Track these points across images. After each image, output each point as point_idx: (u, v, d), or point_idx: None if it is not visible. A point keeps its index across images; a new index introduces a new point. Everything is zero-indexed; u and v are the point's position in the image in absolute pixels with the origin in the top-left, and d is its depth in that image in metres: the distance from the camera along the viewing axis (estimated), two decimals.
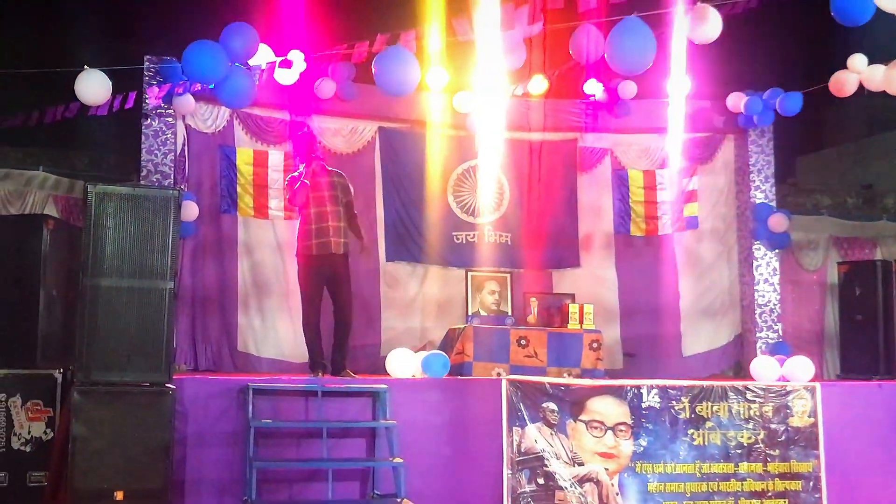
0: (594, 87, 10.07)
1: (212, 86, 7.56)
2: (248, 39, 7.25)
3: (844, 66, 9.14)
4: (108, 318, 6.00)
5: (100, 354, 5.97)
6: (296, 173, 7.88)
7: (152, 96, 8.31)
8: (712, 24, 7.53)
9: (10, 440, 7.08)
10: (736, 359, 10.46)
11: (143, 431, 6.00)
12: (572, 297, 9.41)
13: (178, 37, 7.91)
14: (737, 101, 10.26)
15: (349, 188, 8.06)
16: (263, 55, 7.82)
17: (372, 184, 10.15)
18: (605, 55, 7.27)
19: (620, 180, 10.70)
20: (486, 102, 9.80)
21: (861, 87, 9.12)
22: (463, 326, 8.73)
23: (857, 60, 9.08)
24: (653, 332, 10.37)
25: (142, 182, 8.79)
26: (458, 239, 10.27)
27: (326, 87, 9.41)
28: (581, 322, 8.84)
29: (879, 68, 8.92)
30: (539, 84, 9.62)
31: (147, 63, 8.91)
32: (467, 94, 9.88)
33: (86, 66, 7.59)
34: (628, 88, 10.06)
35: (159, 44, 9.23)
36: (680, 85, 9.72)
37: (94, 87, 7.52)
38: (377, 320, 9.91)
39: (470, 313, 9.22)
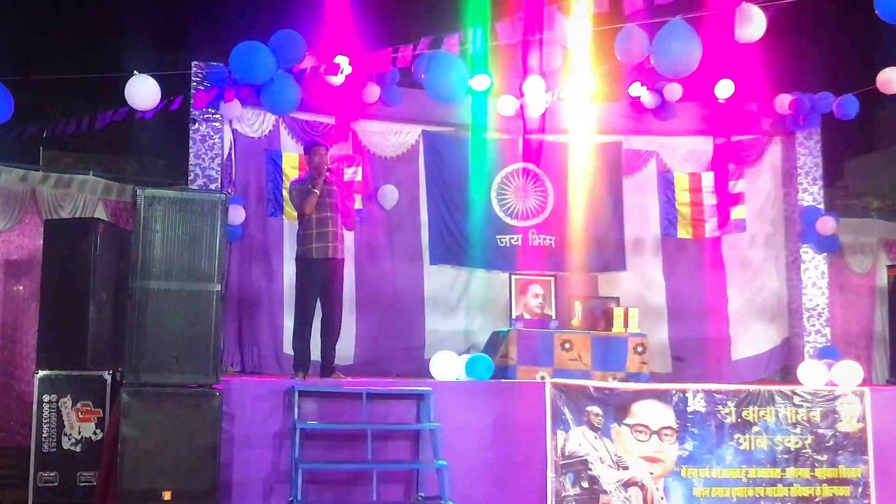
0: (639, 90, 10.01)
1: (257, 89, 7.62)
2: (296, 45, 7.31)
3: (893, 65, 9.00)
4: (156, 320, 6.09)
5: (148, 356, 6.06)
6: (300, 178, 7.92)
7: (199, 101, 8.39)
8: (756, 24, 7.47)
9: (61, 440, 7.22)
10: (784, 363, 10.33)
11: (190, 432, 6.08)
12: (617, 300, 9.37)
13: (225, 43, 8.02)
14: (784, 103, 10.15)
15: (346, 197, 8.11)
16: (309, 59, 7.88)
17: (416, 187, 10.19)
18: (651, 58, 7.22)
19: (666, 183, 10.63)
20: (531, 105, 9.80)
21: None
22: (507, 330, 8.73)
23: None
24: (701, 335, 10.29)
25: (190, 186, 8.90)
26: (501, 242, 10.26)
27: (371, 92, 9.47)
28: (626, 325, 8.79)
29: None
30: (584, 87, 9.57)
31: (194, 69, 9.02)
32: (511, 98, 9.88)
33: (135, 72, 7.70)
34: (673, 91, 10.00)
35: (207, 50, 9.36)
36: (726, 86, 9.64)
37: (143, 92, 7.65)
38: (421, 323, 9.93)
39: (514, 317, 9.21)
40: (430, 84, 7.44)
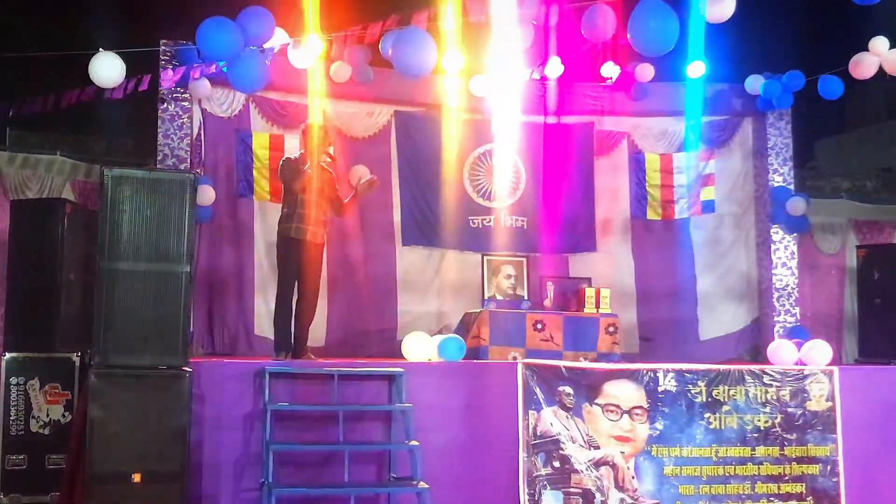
0: (611, 70, 9.99)
1: (224, 66, 7.53)
2: (265, 22, 7.23)
3: (864, 48, 9.03)
4: (124, 301, 6.00)
5: (117, 338, 5.98)
6: (292, 157, 7.86)
7: (167, 80, 8.30)
8: (726, 3, 7.46)
9: (29, 423, 7.17)
10: (753, 343, 10.40)
11: (160, 414, 6.02)
12: (589, 280, 9.41)
13: (194, 21, 7.89)
14: (755, 83, 10.17)
15: (336, 185, 8.03)
16: (278, 38, 7.79)
17: (388, 168, 10.14)
18: (629, 37, 7.19)
19: (637, 164, 10.65)
20: (503, 86, 9.76)
21: (881, 69, 9.01)
22: (479, 310, 8.74)
23: (879, 43, 8.96)
24: (669, 316, 10.34)
25: (158, 166, 8.81)
26: (474, 223, 10.25)
27: (342, 71, 9.39)
28: (598, 306, 8.83)
29: None
30: (555, 67, 9.55)
31: (163, 46, 8.92)
32: (483, 78, 9.84)
33: (100, 49, 7.59)
34: (645, 71, 10.00)
35: (176, 28, 9.23)
36: (697, 67, 9.64)
37: (108, 69, 7.53)
38: (394, 304, 9.92)
39: (486, 297, 9.22)
40: (397, 60, 7.36)
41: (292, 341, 7.70)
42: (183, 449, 6.04)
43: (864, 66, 9.02)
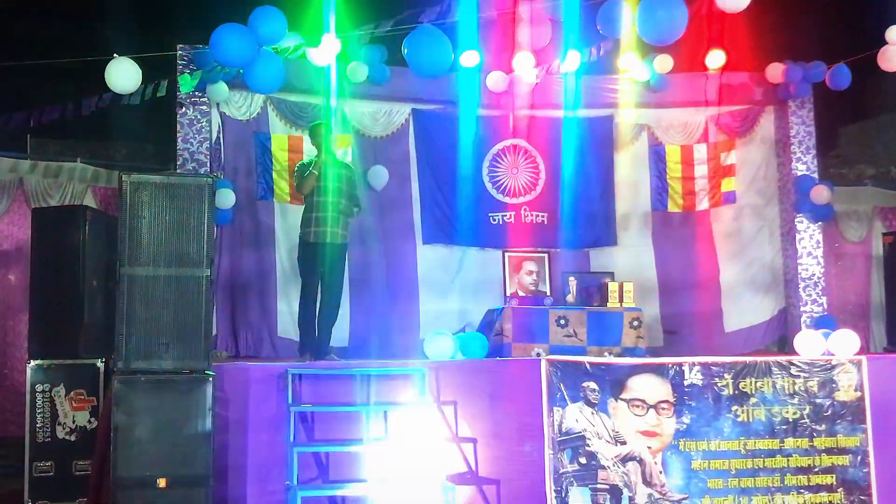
0: (630, 62, 9.91)
1: (241, 70, 7.54)
2: (276, 22, 7.22)
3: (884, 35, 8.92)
4: (145, 306, 6.01)
5: (139, 343, 5.99)
6: (306, 161, 7.88)
7: (185, 83, 8.30)
8: None
9: (55, 430, 7.21)
10: (780, 334, 10.31)
11: (184, 419, 6.02)
12: (611, 275, 9.33)
13: (210, 25, 7.91)
14: (776, 72, 10.07)
15: (355, 182, 8.01)
16: (294, 39, 7.79)
17: (407, 167, 10.14)
18: (636, 26, 7.14)
19: (657, 156, 10.58)
20: (520, 81, 9.72)
21: None
22: (501, 307, 8.69)
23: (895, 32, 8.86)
24: (693, 308, 10.26)
25: (178, 171, 8.84)
26: (494, 220, 10.21)
27: (358, 71, 9.37)
28: (621, 300, 8.75)
29: None
30: (574, 60, 9.49)
31: (180, 51, 8.94)
32: (500, 74, 9.80)
33: (115, 55, 7.61)
34: (665, 62, 9.91)
35: (193, 32, 9.26)
36: (717, 57, 9.55)
37: (124, 75, 7.56)
38: (415, 303, 9.89)
39: (508, 294, 9.17)
40: (412, 59, 7.35)
41: (316, 342, 7.72)
42: (208, 452, 6.04)
43: (892, 57, 8.89)
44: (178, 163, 8.96)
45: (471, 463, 6.88)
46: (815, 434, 7.47)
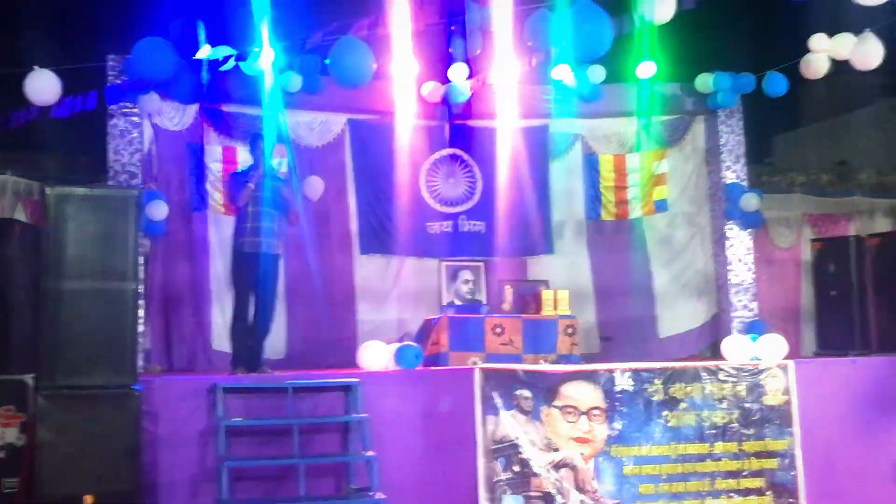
0: (562, 73, 10.01)
1: (161, 84, 7.50)
2: (198, 35, 7.19)
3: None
4: (71, 321, 5.96)
5: (64, 358, 5.93)
6: (240, 170, 7.83)
7: (116, 95, 8.20)
8: (666, 4, 7.51)
9: None
10: (713, 339, 10.43)
11: (111, 434, 5.96)
12: (546, 283, 9.43)
13: (143, 35, 7.84)
14: (705, 82, 10.24)
15: (289, 196, 7.99)
16: (225, 50, 7.75)
17: (343, 177, 10.12)
18: (563, 40, 7.23)
19: (591, 165, 10.69)
20: (456, 91, 9.77)
21: (833, 63, 9.08)
22: (438, 317, 8.72)
23: (818, 40, 9.03)
24: (628, 315, 10.38)
25: (110, 183, 8.73)
26: (431, 229, 10.24)
27: (293, 81, 9.34)
28: (556, 308, 8.86)
29: (846, 38, 8.82)
30: (508, 71, 9.55)
31: (110, 62, 8.85)
32: (436, 84, 9.84)
33: (35, 67, 7.52)
34: (597, 73, 10.03)
35: (124, 42, 9.16)
36: (648, 68, 9.69)
37: (43, 87, 7.46)
38: (352, 314, 9.88)
39: (445, 303, 9.20)
40: (335, 70, 7.37)
41: (250, 355, 7.67)
42: (135, 468, 5.99)
43: (815, 65, 9.09)
44: (109, 175, 8.84)
45: (404, 473, 6.87)
46: (744, 438, 7.61)
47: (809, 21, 9.40)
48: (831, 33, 8.93)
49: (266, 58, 8.27)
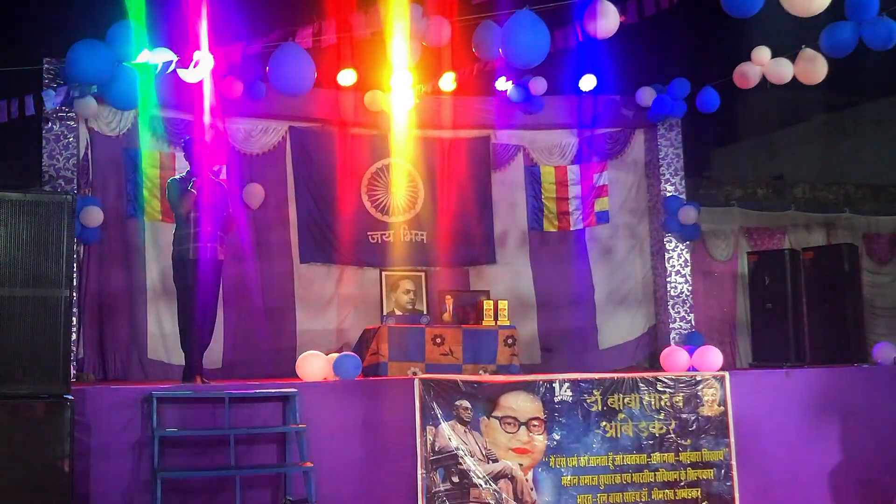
0: (505, 84, 10.06)
1: (93, 88, 7.36)
2: (135, 38, 7.07)
3: (749, 59, 9.27)
4: (1, 328, 5.78)
5: None
6: (178, 177, 7.70)
7: (49, 100, 8.04)
8: (610, 19, 7.58)
9: None
10: (651, 350, 10.56)
11: (40, 445, 5.77)
12: (487, 293, 9.43)
13: (80, 38, 7.69)
14: (646, 95, 10.36)
15: (227, 200, 7.88)
16: (164, 55, 7.64)
17: (284, 184, 10.05)
18: (500, 49, 7.26)
19: (533, 177, 10.76)
20: (397, 100, 9.76)
21: (764, 80, 9.25)
22: (378, 326, 8.68)
23: (761, 53, 9.21)
24: (569, 325, 10.46)
25: (45, 188, 8.56)
26: (372, 239, 10.20)
27: (234, 87, 9.25)
28: (496, 318, 8.85)
29: (782, 61, 9.05)
30: (449, 81, 9.58)
31: (46, 65, 8.69)
32: (378, 93, 9.82)
33: None
34: (539, 85, 10.09)
35: (60, 45, 9.00)
36: (588, 81, 9.78)
37: None
38: (292, 323, 9.81)
39: (385, 313, 9.16)
40: (273, 78, 7.31)
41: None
42: (66, 480, 5.80)
43: (748, 75, 9.27)
44: (43, 179, 8.67)
45: (342, 484, 6.80)
46: (680, 448, 7.66)
47: (748, 37, 9.55)
48: (772, 50, 9.10)
49: (204, 63, 8.17)
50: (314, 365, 7.45)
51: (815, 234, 12.07)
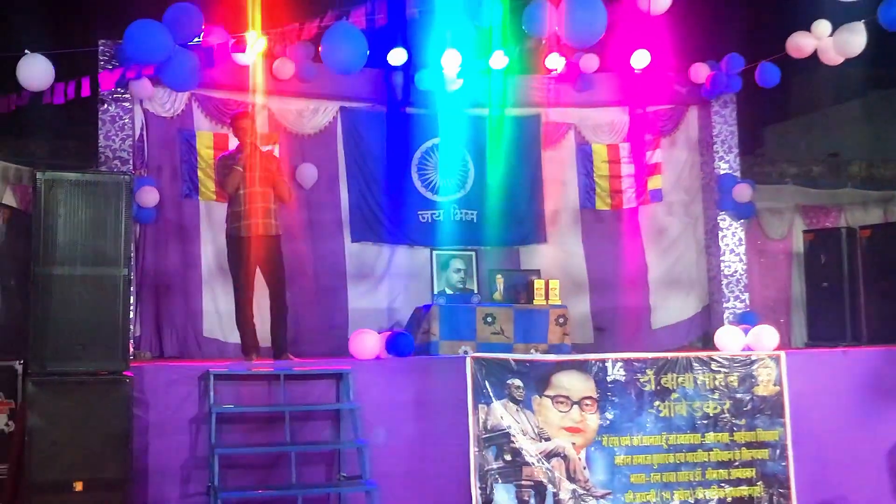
0: (556, 62, 9.98)
1: (153, 69, 7.43)
2: (192, 19, 7.13)
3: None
4: (61, 307, 5.91)
5: (54, 344, 5.88)
6: (226, 153, 7.76)
7: (105, 81, 8.14)
8: None
9: None
10: (704, 330, 10.45)
11: (101, 421, 5.93)
12: (538, 272, 9.39)
13: (134, 19, 7.77)
14: (699, 71, 10.22)
15: (279, 167, 7.93)
16: (218, 35, 7.70)
17: (335, 165, 10.06)
18: (557, 28, 7.20)
19: (584, 155, 10.65)
20: (448, 79, 9.73)
21: (817, 55, 9.08)
22: (429, 305, 8.69)
23: (822, 27, 9.02)
24: (622, 305, 10.37)
25: (101, 169, 8.67)
26: (423, 218, 10.20)
27: (285, 68, 9.29)
28: (547, 298, 8.81)
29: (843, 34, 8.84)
30: (500, 59, 9.52)
31: (101, 46, 8.78)
32: (429, 72, 9.79)
33: (27, 52, 7.45)
34: (590, 62, 10.00)
35: (117, 26, 9.10)
36: (641, 57, 9.67)
37: (35, 72, 7.41)
38: (344, 302, 9.83)
39: (436, 292, 9.17)
40: (326, 57, 7.32)
41: (257, 341, 7.74)
42: (125, 455, 5.96)
43: (801, 45, 9.09)
44: (100, 160, 8.79)
45: (395, 462, 6.86)
46: (735, 428, 7.62)
47: (804, 11, 9.38)
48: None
49: (256, 44, 8.23)
50: (367, 343, 7.49)
51: (872, 212, 11.82)
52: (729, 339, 8.25)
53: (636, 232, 10.59)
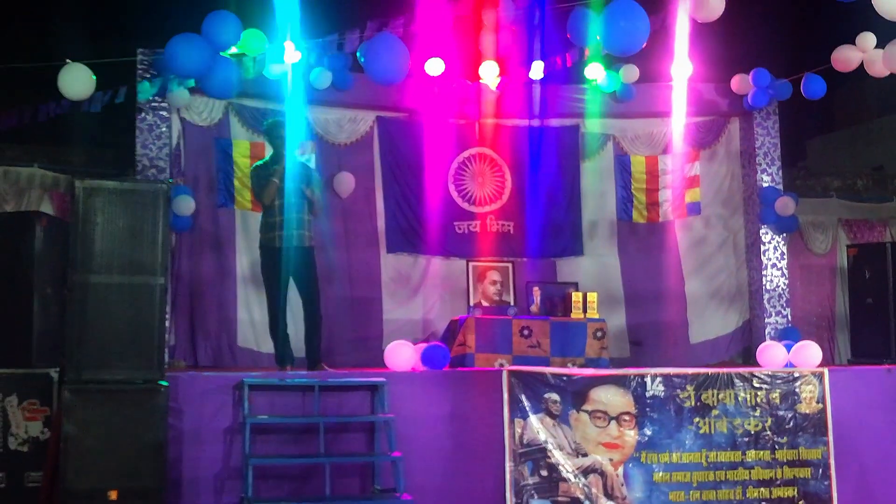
0: (596, 72, 9.89)
1: (192, 82, 7.43)
2: (231, 28, 7.13)
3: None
4: (98, 315, 5.90)
5: (90, 352, 5.87)
6: (260, 162, 7.75)
7: (144, 91, 8.16)
8: (715, 2, 7.39)
9: (7, 440, 7.00)
10: (745, 345, 10.30)
11: (136, 429, 5.90)
12: (575, 285, 9.28)
13: (173, 28, 7.80)
14: (741, 83, 10.08)
15: (317, 180, 7.93)
16: (256, 45, 7.70)
17: (371, 175, 10.03)
18: (598, 37, 7.13)
19: (623, 166, 10.55)
20: (487, 89, 9.68)
21: (862, 67, 8.94)
22: (465, 317, 8.62)
23: (866, 39, 8.88)
24: (659, 319, 10.23)
25: (137, 177, 8.69)
26: (459, 229, 10.13)
27: (322, 77, 9.28)
28: (585, 311, 8.71)
29: (881, 52, 8.73)
30: (539, 69, 9.45)
31: (140, 56, 8.82)
32: (467, 82, 9.75)
33: (68, 61, 7.49)
34: (631, 72, 9.90)
35: (154, 37, 9.15)
36: (683, 67, 9.56)
37: (77, 81, 7.44)
38: (379, 313, 9.78)
39: (472, 304, 9.10)
40: (368, 66, 7.30)
41: (291, 351, 7.74)
42: (160, 464, 5.93)
43: (847, 58, 8.95)
44: (137, 169, 8.81)
45: (430, 475, 6.77)
46: (776, 446, 7.46)
47: (848, 23, 9.24)
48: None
49: (292, 55, 8.22)
50: (402, 354, 7.43)
51: None
52: (771, 355, 8.10)
53: (673, 245, 10.45)
